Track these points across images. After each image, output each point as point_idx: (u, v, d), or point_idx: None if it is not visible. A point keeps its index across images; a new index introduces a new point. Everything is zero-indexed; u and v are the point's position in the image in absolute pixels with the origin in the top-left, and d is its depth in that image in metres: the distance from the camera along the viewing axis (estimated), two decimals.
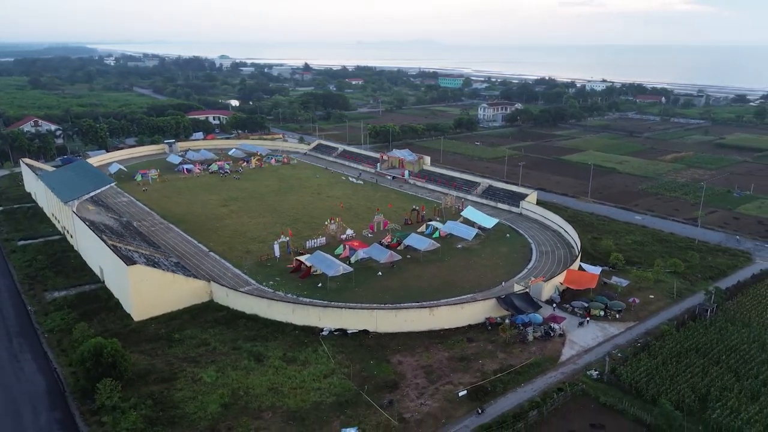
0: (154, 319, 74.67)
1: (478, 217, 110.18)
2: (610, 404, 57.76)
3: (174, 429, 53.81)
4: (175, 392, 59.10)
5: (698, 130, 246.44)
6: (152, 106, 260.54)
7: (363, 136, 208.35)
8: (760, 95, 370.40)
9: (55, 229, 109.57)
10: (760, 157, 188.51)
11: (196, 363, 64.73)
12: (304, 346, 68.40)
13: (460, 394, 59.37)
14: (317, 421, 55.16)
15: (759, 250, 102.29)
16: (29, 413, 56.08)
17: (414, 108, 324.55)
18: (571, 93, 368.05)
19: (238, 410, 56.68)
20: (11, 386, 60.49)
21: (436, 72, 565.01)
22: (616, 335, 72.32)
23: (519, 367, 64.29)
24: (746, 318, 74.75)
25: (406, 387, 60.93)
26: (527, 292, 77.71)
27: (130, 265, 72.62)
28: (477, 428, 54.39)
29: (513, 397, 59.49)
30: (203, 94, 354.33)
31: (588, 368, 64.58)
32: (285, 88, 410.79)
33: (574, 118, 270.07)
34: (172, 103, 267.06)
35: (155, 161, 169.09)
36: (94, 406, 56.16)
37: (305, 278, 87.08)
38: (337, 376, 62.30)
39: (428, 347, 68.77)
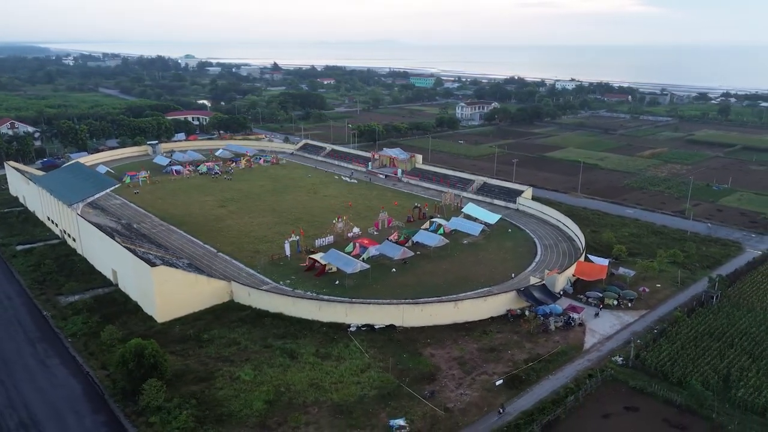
0: (177, 321, 74.27)
1: (480, 213, 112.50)
2: (640, 388, 60.51)
3: (223, 427, 54.07)
4: (216, 391, 59.26)
5: (668, 127, 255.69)
6: (129, 107, 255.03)
7: (348, 136, 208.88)
8: (720, 93, 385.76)
9: (52, 232, 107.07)
10: (731, 152, 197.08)
11: (231, 362, 64.87)
12: (335, 342, 69.22)
13: (497, 384, 61.28)
14: (364, 414, 56.20)
15: (747, 240, 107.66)
16: (72, 418, 55.40)
17: (390, 107, 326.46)
18: (542, 92, 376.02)
19: (283, 406, 57.27)
20: (47, 391, 59.52)
21: (406, 71, 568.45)
22: (632, 323, 75.47)
23: (548, 356, 66.62)
24: (749, 303, 78.98)
25: (443, 378, 62.51)
26: (544, 284, 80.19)
27: (153, 266, 72.03)
28: (520, 414, 56.32)
29: (547, 384, 61.72)
30: (175, 95, 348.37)
31: (612, 355, 67.37)
32: (258, 88, 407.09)
33: (549, 116, 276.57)
34: (149, 104, 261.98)
35: (140, 163, 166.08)
36: (137, 408, 55.94)
37: (320, 276, 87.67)
38: (375, 370, 63.39)
39: (456, 339, 70.47)
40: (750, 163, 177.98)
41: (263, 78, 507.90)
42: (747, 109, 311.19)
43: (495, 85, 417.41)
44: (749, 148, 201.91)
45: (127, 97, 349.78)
